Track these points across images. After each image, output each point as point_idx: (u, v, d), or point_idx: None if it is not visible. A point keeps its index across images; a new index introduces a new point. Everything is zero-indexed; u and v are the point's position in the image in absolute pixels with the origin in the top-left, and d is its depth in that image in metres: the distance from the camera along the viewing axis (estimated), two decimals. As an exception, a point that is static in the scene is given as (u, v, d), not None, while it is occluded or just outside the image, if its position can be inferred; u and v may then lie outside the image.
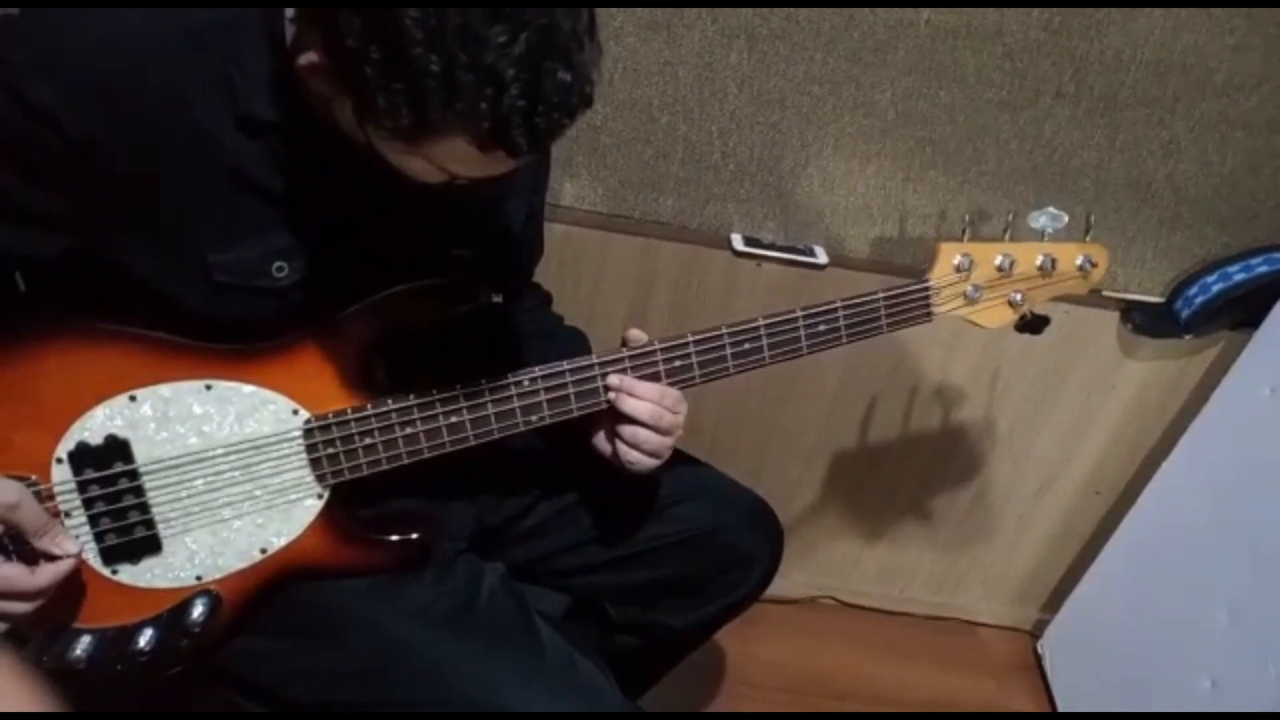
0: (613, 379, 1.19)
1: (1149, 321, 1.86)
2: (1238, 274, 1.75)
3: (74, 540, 1.04)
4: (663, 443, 1.21)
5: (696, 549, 1.40)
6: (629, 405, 1.18)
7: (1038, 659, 2.30)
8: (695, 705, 2.05)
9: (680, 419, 1.23)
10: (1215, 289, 1.76)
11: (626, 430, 1.20)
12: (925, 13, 1.56)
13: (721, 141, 1.70)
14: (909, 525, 2.24)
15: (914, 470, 2.14)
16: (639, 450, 1.21)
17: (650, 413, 1.18)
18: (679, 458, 1.48)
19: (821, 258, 1.79)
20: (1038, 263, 1.31)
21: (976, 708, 2.20)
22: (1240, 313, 1.79)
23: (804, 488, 2.15)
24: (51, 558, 1.02)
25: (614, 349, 1.20)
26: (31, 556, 1.02)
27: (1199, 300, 1.78)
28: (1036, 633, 2.35)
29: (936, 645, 2.33)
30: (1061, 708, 2.18)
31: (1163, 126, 1.66)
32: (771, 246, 1.79)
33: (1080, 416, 2.04)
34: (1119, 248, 1.79)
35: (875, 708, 2.16)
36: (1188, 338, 1.86)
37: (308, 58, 0.88)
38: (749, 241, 1.79)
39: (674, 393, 1.21)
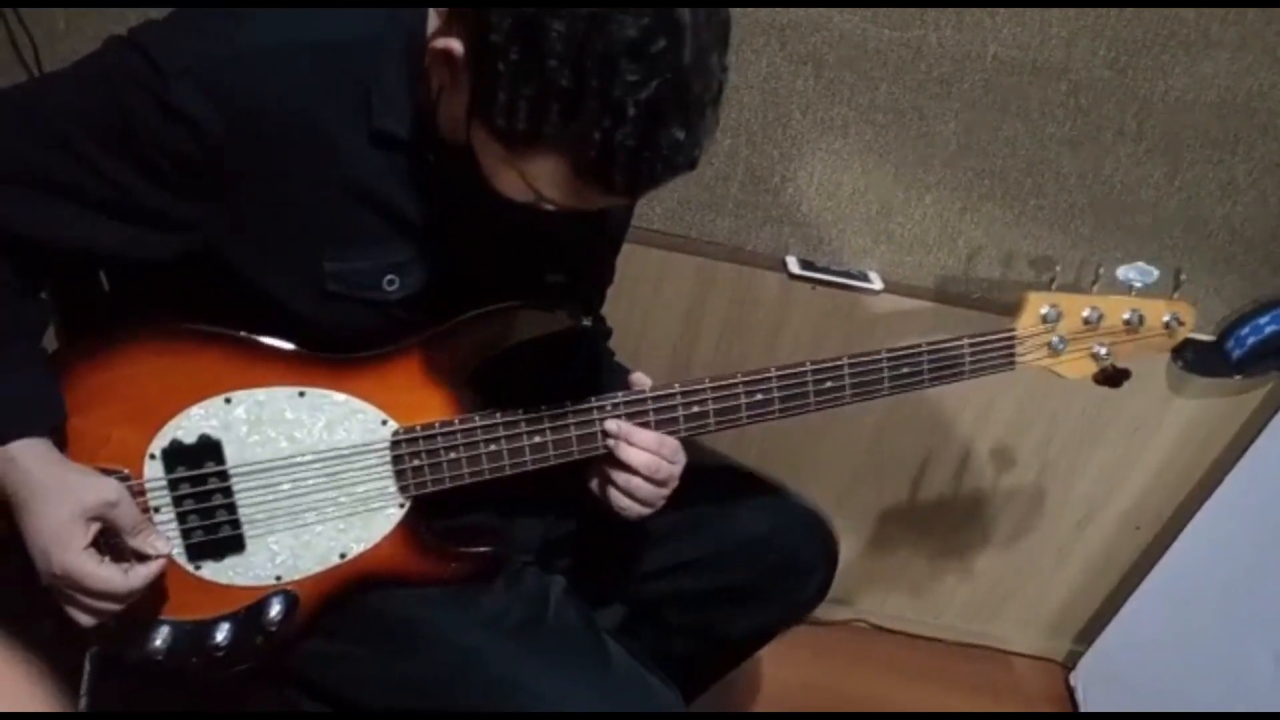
0: (610, 424, 1.17)
1: (1199, 360, 1.87)
2: (1292, 316, 1.76)
3: (166, 540, 1.06)
4: (657, 493, 1.20)
5: (755, 558, 1.40)
6: (626, 453, 1.17)
7: (1070, 690, 2.30)
8: (727, 725, 2.07)
9: (678, 469, 1.21)
10: (1268, 330, 1.77)
11: (620, 478, 1.19)
12: (992, 47, 1.58)
13: (782, 165, 1.72)
14: (946, 551, 2.24)
15: (955, 496, 2.15)
16: (631, 499, 1.20)
17: (647, 463, 1.17)
18: (738, 468, 1.49)
19: (876, 284, 1.81)
20: (1125, 317, 1.31)
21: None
22: (1292, 355, 1.81)
23: (843, 511, 2.16)
24: (143, 557, 1.04)
25: (698, 379, 1.20)
26: (121, 553, 1.04)
27: (1251, 340, 1.79)
28: (1069, 664, 2.35)
29: (969, 673, 2.33)
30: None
31: (1222, 167, 1.68)
32: (826, 270, 1.81)
33: (1126, 451, 2.04)
34: (1172, 285, 1.80)
35: (905, 733, 2.17)
36: (1237, 377, 1.87)
37: (445, 42, 0.90)
38: (804, 265, 1.80)
39: (672, 442, 1.20)
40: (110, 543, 1.03)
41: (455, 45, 0.90)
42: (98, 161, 0.96)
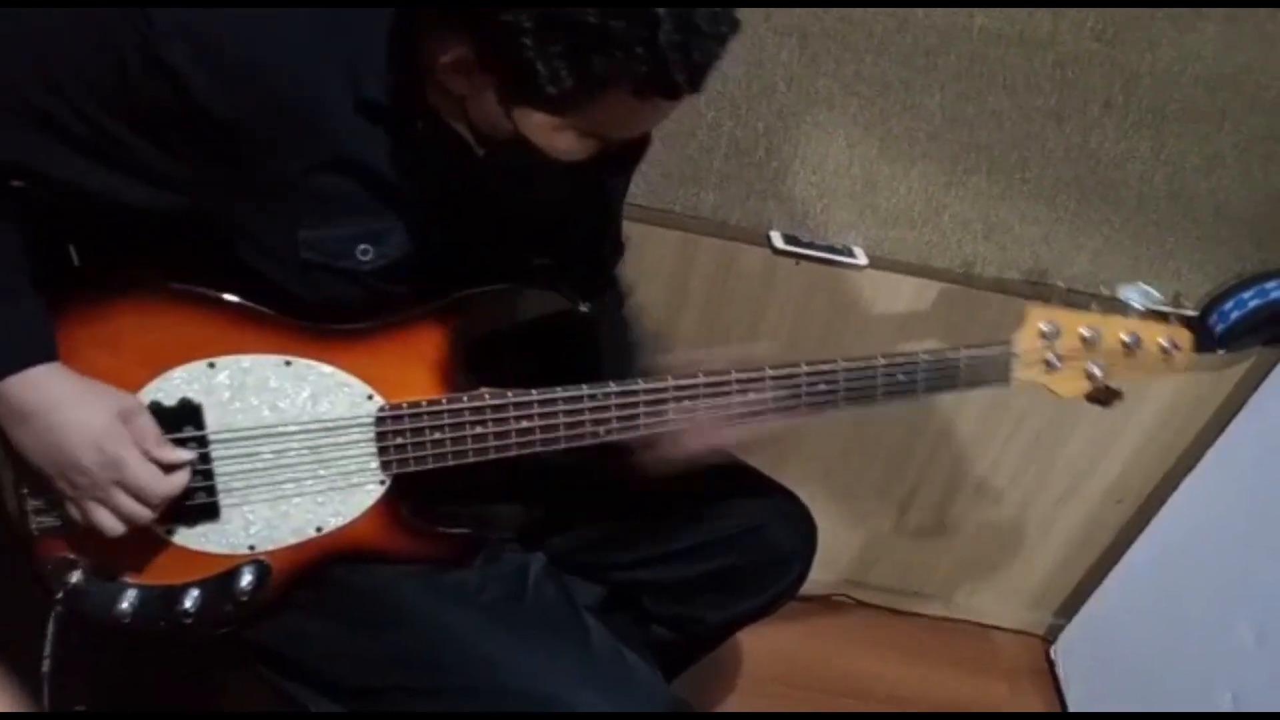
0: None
1: (1182, 335, 1.86)
2: (1275, 291, 1.75)
3: (187, 451, 1.07)
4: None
5: (734, 547, 1.41)
6: None
7: (1050, 664, 2.32)
8: (709, 698, 2.07)
9: None
10: (1252, 305, 1.76)
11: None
12: (978, 19, 1.56)
13: (766, 139, 1.70)
14: (927, 526, 2.25)
15: (936, 472, 2.15)
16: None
17: None
18: (718, 456, 1.49)
19: (860, 259, 1.80)
20: (1123, 338, 1.30)
21: (989, 710, 2.22)
22: (1275, 330, 1.80)
23: (826, 487, 2.16)
24: (168, 468, 1.04)
25: (691, 374, 1.20)
26: None
27: (1234, 316, 1.78)
28: (1049, 637, 2.37)
29: (950, 647, 2.34)
30: (1073, 710, 2.19)
31: (1209, 141, 1.67)
32: (811, 245, 1.80)
33: (1108, 426, 2.04)
34: (1155, 259, 1.80)
35: (887, 707, 2.18)
36: (1220, 352, 1.86)
37: (452, 54, 0.90)
38: (788, 239, 1.79)
39: None
40: None
41: (463, 51, 0.89)
42: (87, 109, 0.95)
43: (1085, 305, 1.29)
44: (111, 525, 1.03)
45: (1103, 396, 1.33)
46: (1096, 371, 1.31)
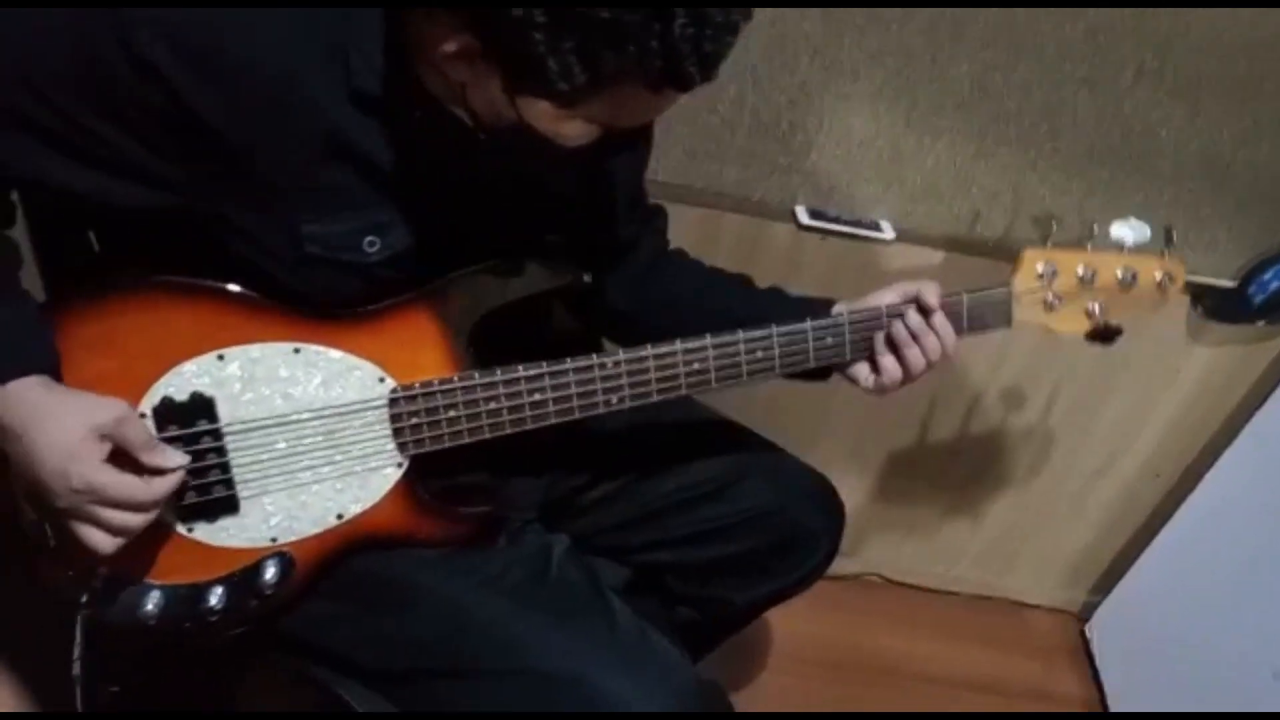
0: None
1: (1219, 305, 1.83)
2: (1316, 260, 1.72)
3: (180, 454, 1.04)
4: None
5: (760, 527, 1.39)
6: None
7: (1085, 641, 2.30)
8: (740, 678, 2.06)
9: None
10: (1291, 274, 1.73)
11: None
12: (1007, -15, 1.53)
13: (790, 112, 1.67)
14: (960, 503, 2.23)
15: (968, 448, 2.12)
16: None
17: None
18: (742, 434, 1.48)
19: (888, 233, 1.77)
20: (1118, 275, 1.30)
21: (1022, 689, 2.21)
22: (1316, 300, 1.77)
23: (855, 464, 2.14)
24: (158, 472, 1.02)
25: (699, 335, 1.19)
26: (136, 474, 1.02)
27: (1274, 285, 1.75)
28: (1084, 615, 2.34)
29: (983, 625, 2.32)
30: (1109, 690, 2.18)
31: (1245, 108, 1.62)
32: (837, 220, 1.77)
33: (1143, 399, 2.01)
34: (1191, 230, 1.75)
35: (920, 686, 2.16)
36: (1260, 324, 1.83)
37: (453, 43, 0.88)
38: (814, 214, 1.76)
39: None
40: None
41: (466, 42, 0.87)
42: (70, 110, 0.94)
43: (1082, 245, 1.31)
44: (101, 541, 1.00)
45: (1102, 334, 1.35)
46: (1095, 309, 1.32)
